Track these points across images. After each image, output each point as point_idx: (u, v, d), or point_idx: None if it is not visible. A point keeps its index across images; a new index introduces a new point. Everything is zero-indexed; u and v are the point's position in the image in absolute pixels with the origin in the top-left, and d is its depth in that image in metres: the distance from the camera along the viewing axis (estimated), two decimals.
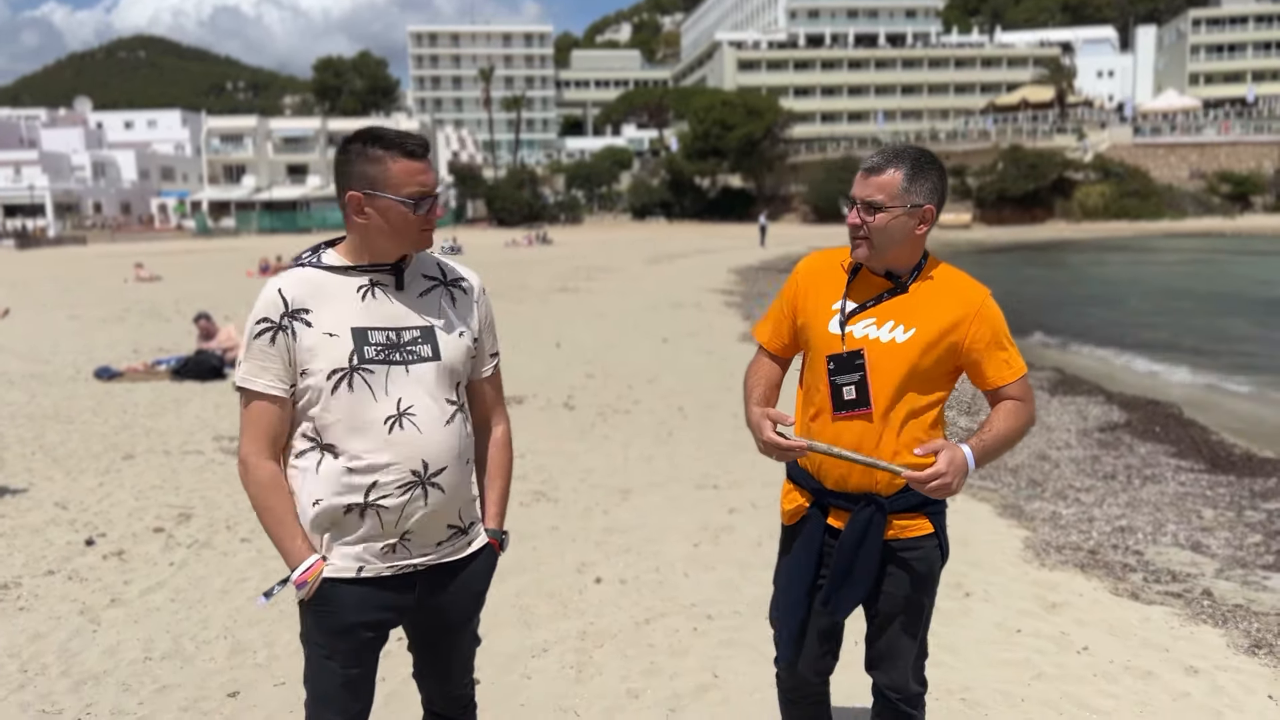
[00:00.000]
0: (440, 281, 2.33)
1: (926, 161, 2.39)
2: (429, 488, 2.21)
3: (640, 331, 15.41)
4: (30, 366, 12.22)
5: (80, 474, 7.09)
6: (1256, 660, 4.10)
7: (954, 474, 2.25)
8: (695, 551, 5.35)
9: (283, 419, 2.21)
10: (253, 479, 2.21)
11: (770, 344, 2.63)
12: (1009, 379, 2.43)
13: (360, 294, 2.20)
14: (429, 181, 2.17)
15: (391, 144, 2.13)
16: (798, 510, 2.56)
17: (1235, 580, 5.15)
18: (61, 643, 4.25)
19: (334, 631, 2.23)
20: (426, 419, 2.20)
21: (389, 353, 2.19)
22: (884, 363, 2.38)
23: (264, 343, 2.17)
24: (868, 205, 2.37)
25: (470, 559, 2.35)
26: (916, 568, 2.47)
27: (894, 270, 2.44)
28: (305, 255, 2.26)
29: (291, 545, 2.20)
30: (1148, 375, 13.34)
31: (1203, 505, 6.63)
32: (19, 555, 5.36)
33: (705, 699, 3.71)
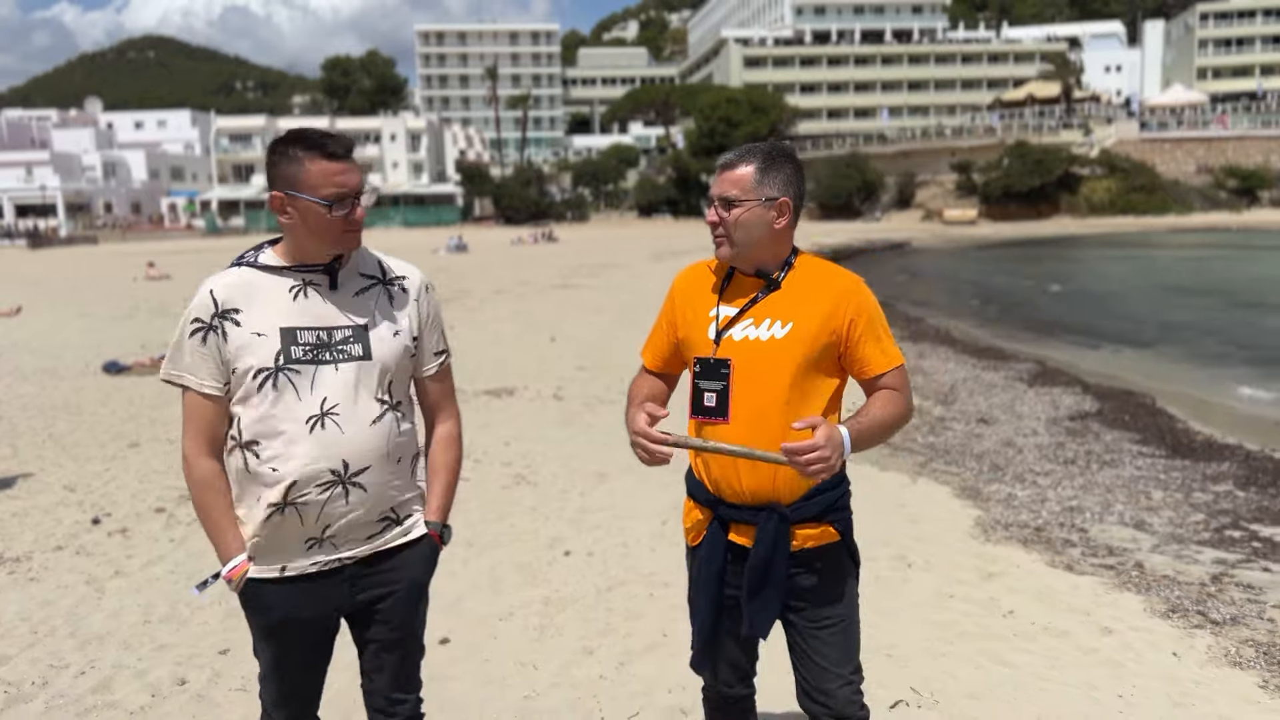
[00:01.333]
0: (379, 280, 2.35)
1: (779, 154, 2.40)
2: (350, 487, 2.22)
3: (636, 326, 15.74)
4: (42, 362, 12.64)
5: (88, 460, 7.48)
6: (1169, 623, 4.43)
7: (832, 449, 2.20)
8: (662, 528, 5.70)
9: (219, 416, 2.25)
10: (191, 476, 2.27)
11: (652, 363, 2.61)
12: (885, 367, 2.41)
13: (292, 294, 2.24)
14: (348, 183, 2.17)
15: (311, 145, 2.15)
16: (698, 527, 2.51)
17: (1169, 554, 5.47)
18: (69, 609, 4.62)
19: (263, 628, 2.31)
20: (350, 418, 2.22)
21: (318, 352, 2.21)
22: (766, 360, 2.35)
23: (196, 342, 2.22)
24: (724, 201, 2.38)
25: (404, 547, 2.36)
26: (827, 579, 2.44)
27: (763, 268, 2.43)
28: (247, 254, 2.31)
29: (221, 542, 2.26)
30: (1132, 368, 13.61)
31: (1154, 487, 6.94)
32: (30, 533, 5.74)
33: (653, 654, 4.07)
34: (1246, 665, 3.98)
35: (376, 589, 2.33)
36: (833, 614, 2.44)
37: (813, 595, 2.43)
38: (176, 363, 2.24)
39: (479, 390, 10.18)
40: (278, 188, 2.19)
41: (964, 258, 42.65)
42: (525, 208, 77.01)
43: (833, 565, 2.44)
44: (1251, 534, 5.90)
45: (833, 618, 2.44)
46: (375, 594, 2.33)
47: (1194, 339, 16.57)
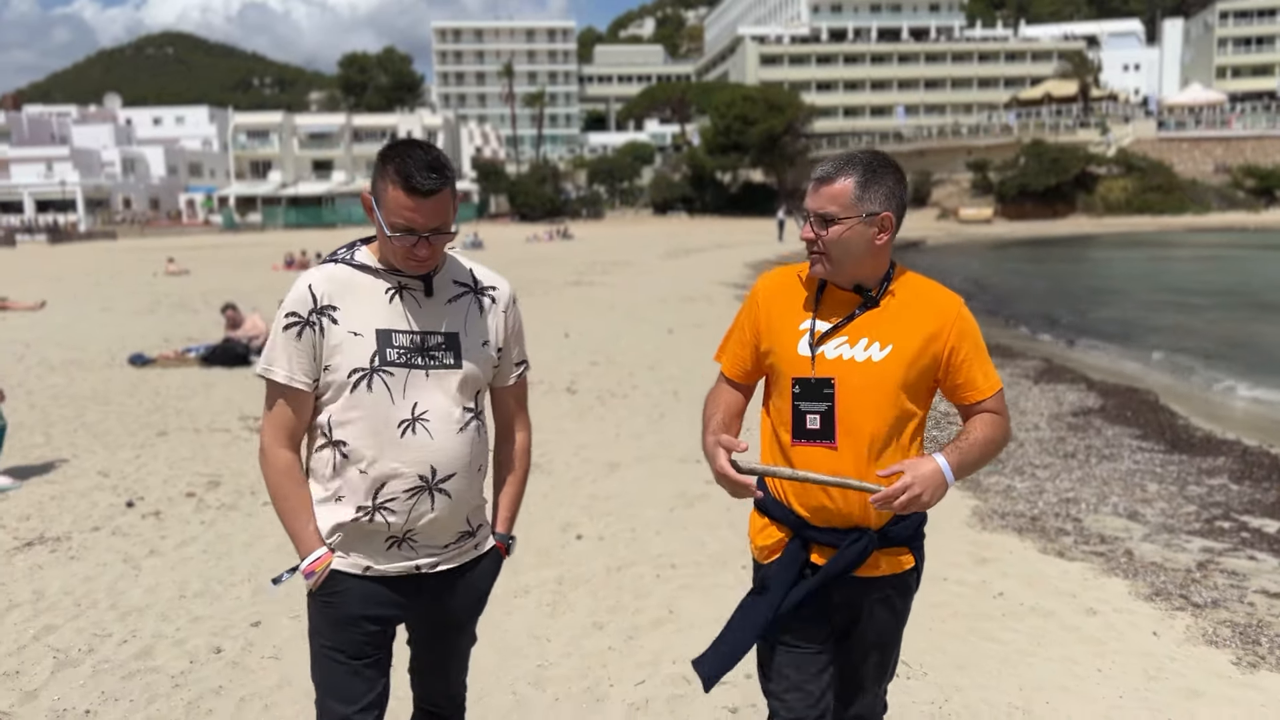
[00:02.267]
0: (470, 289, 2.35)
1: (880, 165, 2.26)
2: (436, 493, 2.24)
3: (648, 323, 15.99)
4: (68, 354, 12.97)
5: (119, 448, 7.77)
6: (1152, 605, 4.64)
7: (922, 485, 2.12)
8: (670, 515, 5.94)
9: (303, 411, 2.26)
10: (270, 467, 2.28)
11: (731, 371, 2.49)
12: (988, 392, 2.32)
13: (388, 295, 2.24)
14: (417, 222, 2.14)
15: (400, 171, 2.12)
16: (773, 546, 2.38)
17: (1159, 543, 5.68)
18: (109, 584, 4.90)
19: (337, 622, 2.27)
20: (440, 425, 2.23)
21: (411, 356, 2.22)
22: (861, 383, 2.25)
23: (291, 337, 2.21)
24: (821, 218, 2.25)
25: (476, 561, 2.40)
26: (898, 603, 2.39)
27: (861, 284, 2.31)
28: (340, 251, 2.32)
29: (303, 534, 2.26)
30: (1139, 366, 13.75)
31: (1150, 480, 7.13)
32: (68, 515, 6.03)
33: (659, 629, 4.31)
34: (1222, 644, 4.19)
35: (445, 600, 2.35)
36: (890, 640, 2.42)
37: (881, 620, 2.38)
38: (272, 356, 2.24)
39: None
40: (371, 190, 2.21)
41: (978, 256, 42.66)
42: (541, 205, 77.33)
43: (904, 591, 2.40)
44: (1241, 525, 6.09)
45: (891, 642, 2.43)
46: (443, 604, 2.36)
47: (1202, 338, 16.67)
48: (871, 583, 2.32)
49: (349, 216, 76.91)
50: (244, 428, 8.53)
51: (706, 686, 2.42)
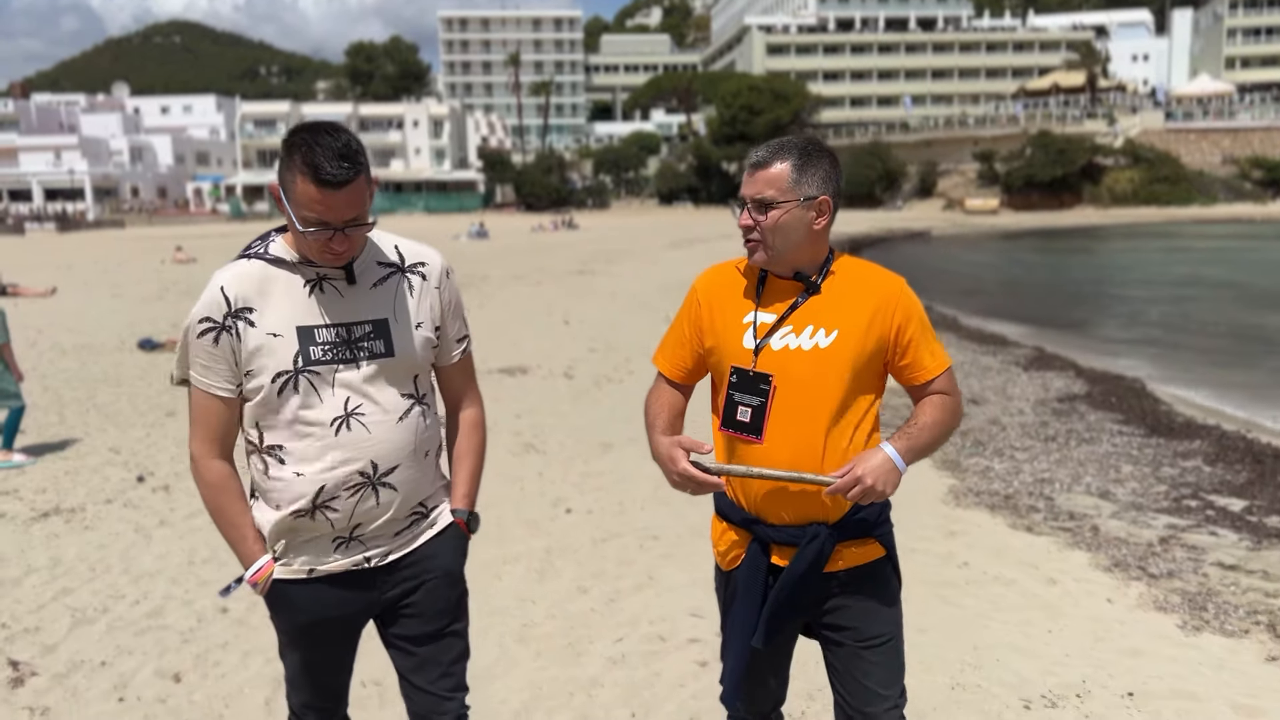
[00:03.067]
0: (398, 268, 2.22)
1: (815, 150, 2.25)
2: (379, 488, 2.14)
3: (647, 311, 16.23)
4: (79, 339, 13.27)
5: (129, 427, 8.05)
6: (1110, 576, 4.88)
7: (872, 475, 2.12)
8: (655, 492, 6.19)
9: (230, 418, 2.15)
10: (201, 479, 2.18)
11: (671, 371, 2.43)
12: (936, 371, 2.29)
13: (307, 289, 2.11)
14: (329, 216, 2.00)
15: (308, 161, 1.97)
16: (733, 549, 2.35)
17: (1126, 520, 5.91)
18: (121, 551, 5.17)
19: (290, 630, 2.25)
20: (376, 418, 2.13)
21: (338, 350, 2.10)
22: (808, 371, 2.21)
23: (207, 343, 2.10)
24: (758, 204, 2.22)
25: (430, 541, 2.28)
26: (875, 596, 2.31)
27: (801, 271, 2.27)
28: (254, 244, 2.19)
29: (242, 546, 2.18)
30: (1129, 355, 13.95)
31: (1125, 462, 7.36)
32: (82, 488, 6.31)
33: (640, 593, 4.57)
34: (1170, 610, 4.43)
35: (405, 583, 2.25)
36: (881, 632, 2.32)
37: (860, 614, 2.30)
38: (184, 363, 2.14)
39: (494, 369, 10.69)
40: (278, 181, 2.06)
41: (983, 248, 42.81)
42: (546, 195, 77.61)
43: (879, 582, 2.32)
44: (1208, 504, 6.32)
45: (881, 636, 2.32)
46: (404, 587, 2.25)
47: (1198, 329, 16.86)
48: (835, 576, 2.27)
49: None
50: None
51: (730, 707, 2.44)
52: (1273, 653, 3.99)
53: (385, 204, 79.12)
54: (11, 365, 6.99)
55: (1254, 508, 6.23)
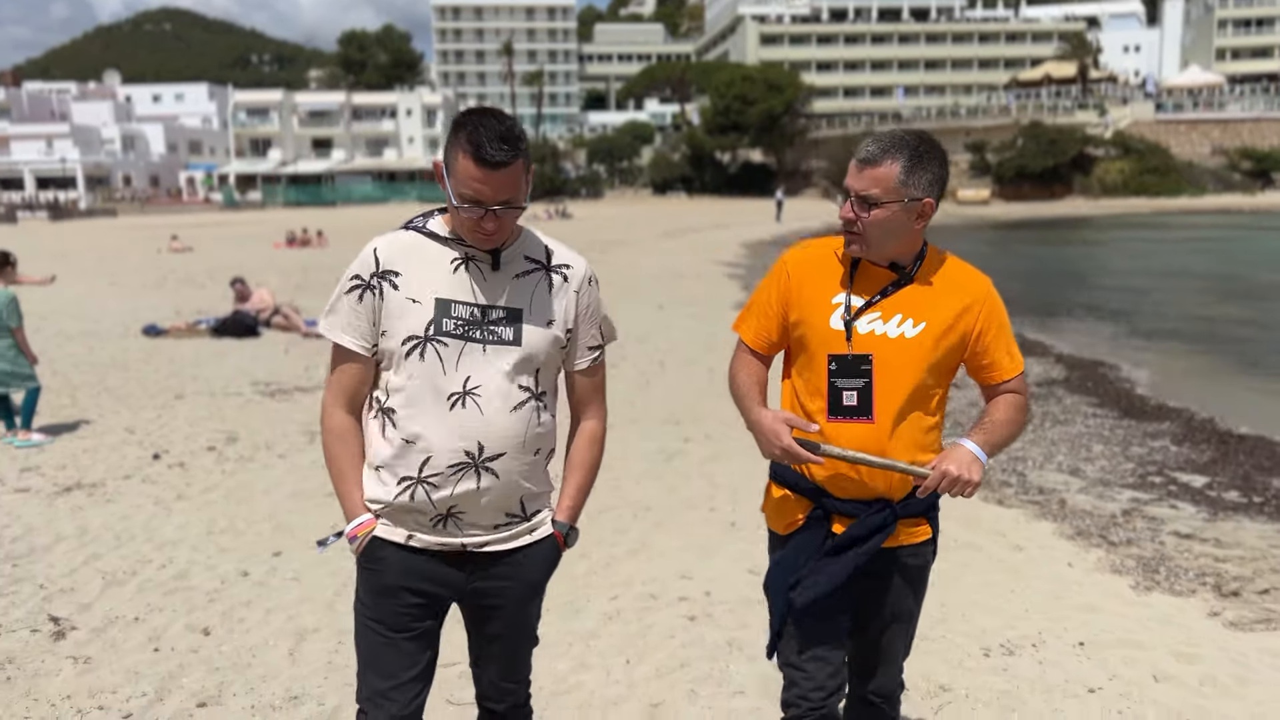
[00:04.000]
0: (542, 266, 2.27)
1: (927, 151, 2.25)
2: (482, 471, 2.17)
3: (640, 299, 16.54)
4: (84, 325, 13.53)
5: (141, 408, 8.34)
6: (1072, 543, 5.23)
7: (961, 467, 2.19)
8: (649, 468, 6.51)
9: (363, 375, 2.23)
10: (325, 427, 2.26)
11: (755, 341, 2.46)
12: (1013, 373, 2.36)
13: (453, 265, 2.19)
14: (483, 194, 2.07)
15: (471, 140, 2.06)
16: (792, 514, 2.42)
17: (1093, 495, 6.25)
18: (143, 522, 5.47)
19: (378, 591, 2.24)
20: (491, 402, 2.16)
21: (469, 329, 2.16)
22: (893, 359, 2.27)
23: (353, 300, 2.19)
24: (862, 200, 2.24)
25: (528, 547, 2.29)
26: (916, 574, 2.44)
27: (896, 261, 2.32)
28: (416, 219, 2.29)
29: (349, 499, 2.24)
30: (1110, 342, 14.28)
31: (1096, 442, 7.71)
32: (101, 465, 6.61)
33: (634, 558, 4.90)
34: (1125, 572, 4.78)
35: (493, 582, 2.27)
36: (913, 609, 2.45)
37: (900, 592, 2.41)
38: (331, 316, 2.23)
39: None
40: (443, 159, 2.16)
41: (973, 237, 43.12)
42: (540, 184, 77.49)
43: (923, 561, 2.45)
44: (1171, 480, 6.67)
45: (911, 613, 2.45)
46: (491, 586, 2.28)
47: (1180, 318, 17.23)
48: (891, 553, 2.36)
49: (349, 195, 77.29)
50: (256, 391, 9.11)
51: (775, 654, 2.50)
52: (1214, 609, 4.34)
53: (378, 193, 79.16)
54: (25, 349, 7.27)
55: (1214, 484, 6.59)
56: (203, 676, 3.70)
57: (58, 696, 3.55)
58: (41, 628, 4.10)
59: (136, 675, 3.70)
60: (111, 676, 3.69)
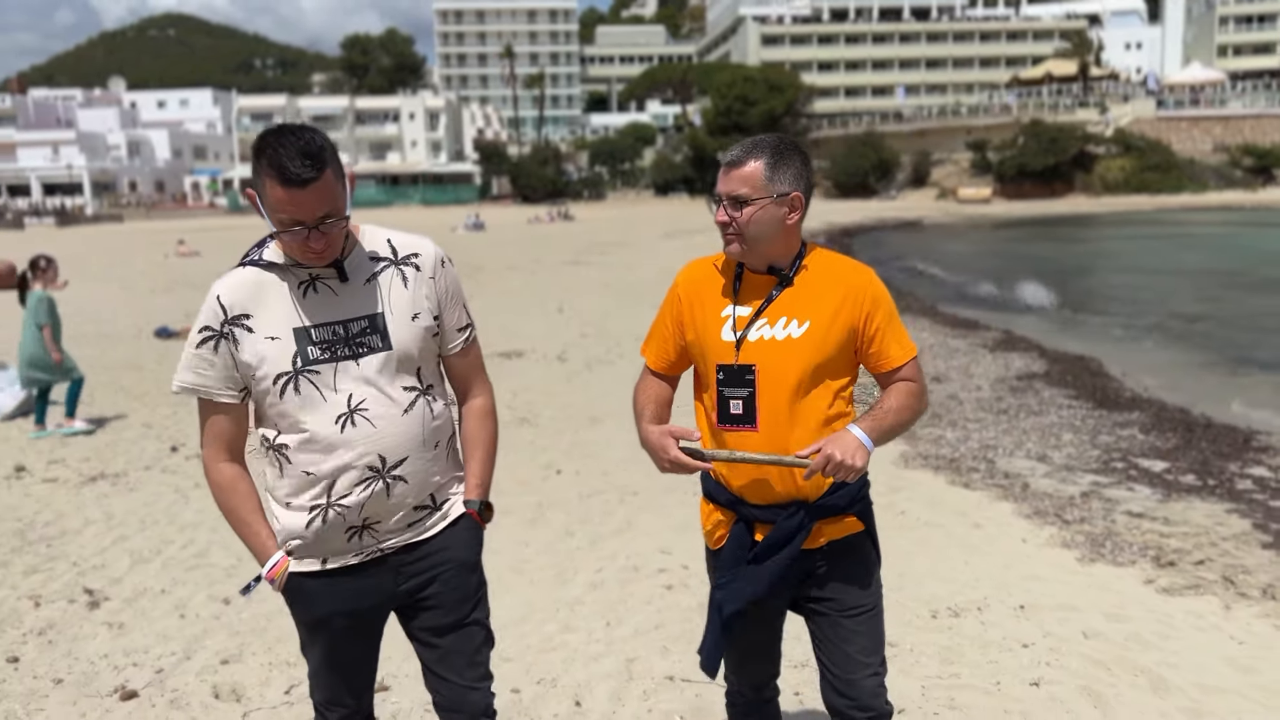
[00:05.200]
0: (391, 261, 2.26)
1: (787, 148, 2.36)
2: (390, 480, 2.18)
3: (638, 299, 16.93)
4: (97, 328, 13.98)
5: (156, 405, 8.77)
6: (1029, 521, 5.61)
7: (844, 451, 2.23)
8: (637, 455, 6.85)
9: (236, 422, 2.23)
10: (212, 482, 2.25)
11: (656, 363, 2.56)
12: (901, 359, 2.41)
13: (301, 290, 2.16)
14: (299, 214, 2.04)
15: (272, 164, 2.02)
16: (719, 529, 2.49)
17: (1055, 479, 6.63)
18: (165, 507, 5.89)
19: (310, 625, 2.27)
20: (380, 412, 2.16)
21: (336, 348, 2.14)
22: (782, 361, 2.33)
23: (207, 351, 2.16)
24: (734, 200, 2.33)
25: (443, 532, 2.31)
26: (854, 568, 2.45)
27: (775, 264, 2.40)
28: (251, 251, 2.24)
29: (256, 543, 2.23)
30: (1095, 338, 14.63)
31: (1066, 431, 8.08)
32: (121, 457, 7.03)
33: (619, 536, 5.30)
34: (1073, 547, 5.16)
35: (420, 575, 2.29)
36: (861, 602, 2.45)
37: (841, 585, 2.44)
38: (186, 372, 2.21)
39: (491, 353, 11.40)
40: (252, 185, 2.13)
41: (973, 236, 43.50)
42: (542, 186, 78.12)
43: (859, 555, 2.46)
44: (1132, 465, 7.04)
45: (861, 606, 2.45)
46: (420, 580, 2.29)
47: (1171, 313, 17.57)
48: (818, 552, 2.40)
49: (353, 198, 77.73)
50: None
51: (710, 674, 2.53)
52: (1150, 577, 4.72)
53: (382, 197, 79.71)
54: (49, 347, 7.70)
55: (1173, 469, 6.96)
56: (225, 639, 4.11)
57: (96, 655, 3.96)
58: (77, 599, 4.52)
59: (165, 638, 4.11)
60: (143, 639, 4.10)
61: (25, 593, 4.58)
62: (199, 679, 3.77)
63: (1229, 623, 4.19)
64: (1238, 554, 5.07)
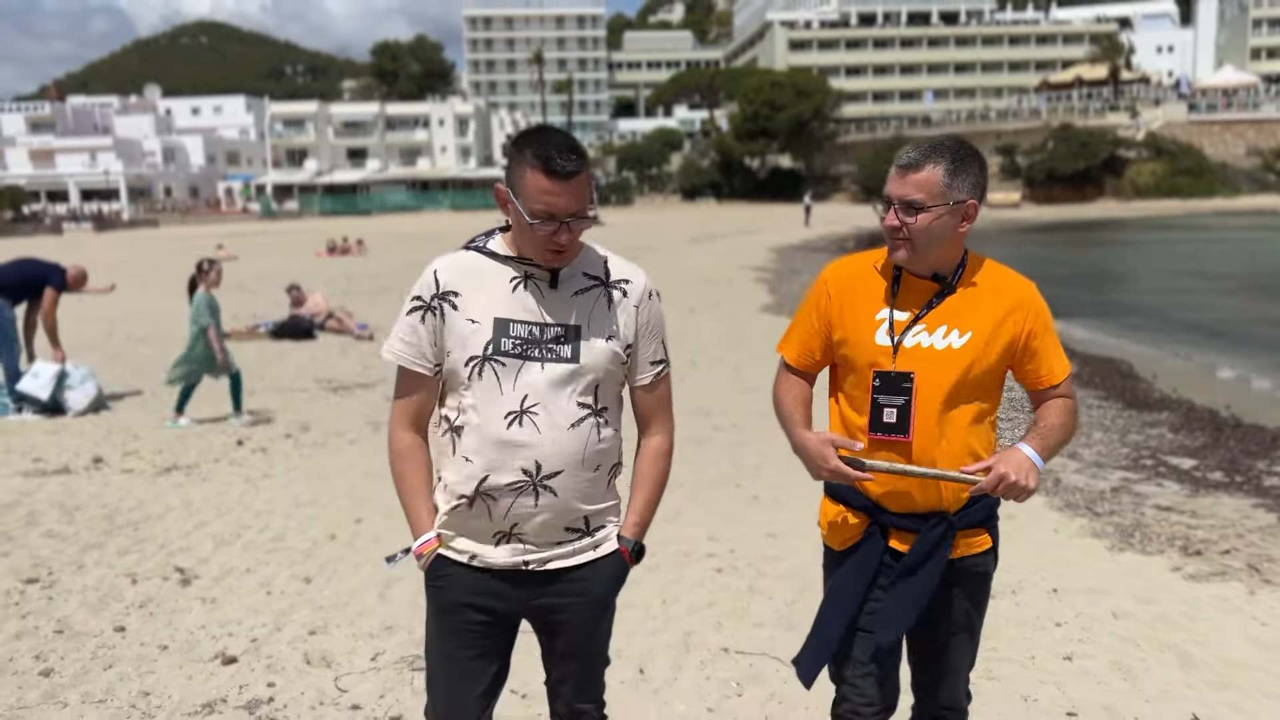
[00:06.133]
0: (601, 282, 2.28)
1: (967, 154, 2.28)
2: (540, 489, 2.18)
3: (670, 303, 17.17)
4: (150, 330, 14.44)
5: (218, 403, 9.14)
6: (1060, 513, 5.85)
7: (1017, 471, 2.20)
8: (682, 452, 7.11)
9: (427, 395, 2.27)
10: (391, 448, 2.31)
11: (799, 361, 2.48)
12: (1061, 376, 2.36)
13: (512, 284, 2.21)
14: (557, 205, 2.10)
15: (539, 155, 2.08)
16: (849, 532, 2.41)
17: (1086, 475, 6.86)
18: (238, 496, 6.24)
19: (443, 608, 2.29)
20: (549, 420, 2.17)
21: (527, 347, 2.18)
22: (939, 371, 2.27)
23: (414, 320, 2.22)
24: (907, 205, 2.25)
25: (591, 564, 2.30)
26: (978, 585, 2.42)
27: (938, 271, 2.33)
28: (478, 238, 2.31)
29: (415, 516, 2.29)
30: (1131, 341, 14.77)
31: (1097, 430, 8.30)
32: (192, 450, 7.41)
33: (669, 524, 5.52)
34: (1104, 536, 5.40)
35: (557, 598, 2.29)
36: (975, 620, 2.43)
37: (965, 602, 2.40)
38: (396, 340, 2.27)
39: None
40: (505, 182, 2.18)
41: (1002, 240, 43.42)
42: None
43: (985, 570, 2.42)
44: (1161, 462, 7.26)
45: (974, 623, 2.43)
46: (555, 603, 2.29)
47: (1203, 318, 17.63)
48: (952, 565, 2.34)
49: (383, 204, 78.68)
50: (320, 388, 9.91)
51: (806, 684, 2.46)
52: (1177, 565, 4.96)
53: (412, 202, 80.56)
54: (212, 345, 8.07)
55: (1201, 465, 7.17)
56: (310, 613, 4.44)
57: (194, 626, 4.30)
58: (170, 576, 4.87)
59: (255, 611, 4.45)
60: (235, 612, 4.44)
61: (121, 571, 4.94)
62: (290, 647, 4.09)
63: (1253, 606, 4.43)
64: (1263, 545, 5.28)
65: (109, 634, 4.22)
